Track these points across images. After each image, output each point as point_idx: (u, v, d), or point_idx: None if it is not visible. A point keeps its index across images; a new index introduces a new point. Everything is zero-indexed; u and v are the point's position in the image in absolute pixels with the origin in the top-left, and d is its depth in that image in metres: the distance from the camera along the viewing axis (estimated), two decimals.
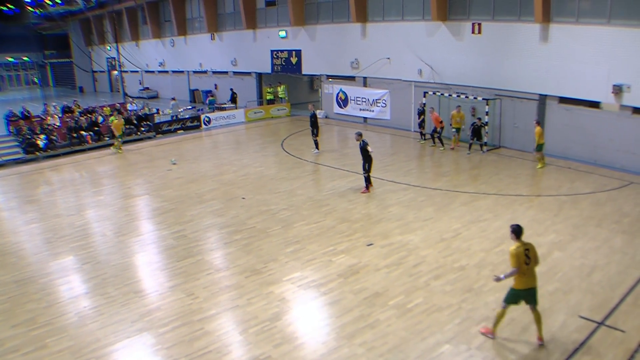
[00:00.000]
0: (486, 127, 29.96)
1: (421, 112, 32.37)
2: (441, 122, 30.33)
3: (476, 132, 29.58)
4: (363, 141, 22.46)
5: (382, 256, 16.64)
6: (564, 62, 27.13)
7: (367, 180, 22.80)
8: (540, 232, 18.05)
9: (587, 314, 12.86)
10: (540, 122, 26.96)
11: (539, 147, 26.15)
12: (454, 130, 30.34)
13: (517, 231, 11.92)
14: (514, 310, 12.54)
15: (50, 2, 64.14)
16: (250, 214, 21.18)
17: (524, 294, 11.90)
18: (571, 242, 17.28)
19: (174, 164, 22.71)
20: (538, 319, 12.02)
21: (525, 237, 12.23)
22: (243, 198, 23.13)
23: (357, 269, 15.76)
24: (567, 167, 26.27)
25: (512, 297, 12.00)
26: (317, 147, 31.20)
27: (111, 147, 34.93)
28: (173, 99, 46.13)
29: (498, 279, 11.98)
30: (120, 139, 34.64)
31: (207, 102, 51.69)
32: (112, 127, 34.72)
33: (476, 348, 11.67)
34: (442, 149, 30.48)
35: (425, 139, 32.51)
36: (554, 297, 13.74)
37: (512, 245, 11.86)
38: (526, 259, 11.70)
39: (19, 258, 17.92)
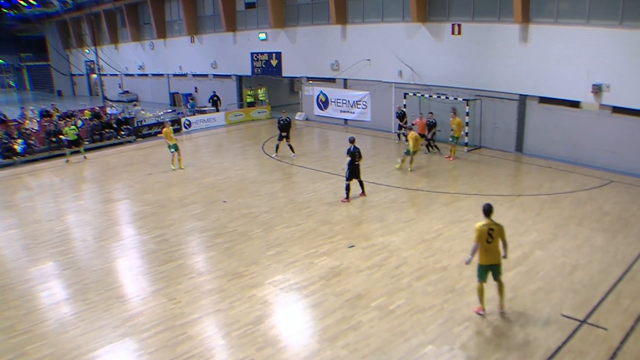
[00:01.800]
0: (435, 127, 30.14)
1: (401, 116, 32.01)
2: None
3: (429, 129, 29.77)
4: (354, 147, 22.05)
5: (363, 258, 16.64)
6: (544, 62, 27.32)
7: (348, 189, 22.50)
8: (521, 232, 18.16)
9: (569, 312, 12.93)
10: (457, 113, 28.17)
11: (455, 139, 27.02)
12: (450, 139, 28.83)
13: (486, 210, 12.81)
14: (495, 310, 12.61)
15: (25, 4, 63.44)
16: (231, 217, 21.11)
17: (488, 269, 12.80)
18: (552, 241, 17.38)
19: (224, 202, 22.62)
20: (501, 290, 13.04)
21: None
22: (224, 201, 23.05)
23: (339, 271, 15.75)
24: (548, 167, 26.44)
25: (480, 272, 12.92)
26: (292, 150, 30.97)
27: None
28: (135, 104, 45.92)
29: (468, 261, 12.97)
30: (69, 149, 33.31)
31: (188, 105, 51.50)
32: (66, 137, 33.51)
33: (459, 348, 11.69)
34: (434, 152, 30.30)
35: (401, 140, 32.03)
36: (536, 296, 13.81)
37: (479, 222, 12.72)
38: (489, 237, 12.54)
39: None
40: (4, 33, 79.21)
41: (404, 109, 32.58)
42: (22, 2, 63.21)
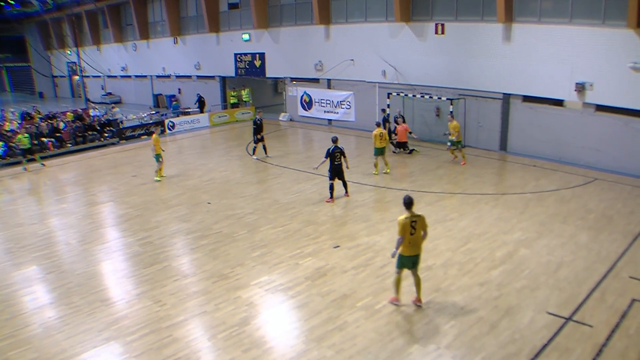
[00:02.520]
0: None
1: (385, 121, 30.97)
2: (411, 132, 30.02)
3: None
4: (335, 147, 21.95)
5: (349, 258, 16.64)
6: (527, 61, 27.46)
7: (332, 189, 22.46)
8: (506, 230, 18.22)
9: (554, 310, 12.98)
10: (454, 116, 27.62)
11: (456, 144, 26.61)
12: (449, 144, 27.57)
13: (407, 202, 13.22)
14: (480, 309, 12.66)
15: (3, 3, 62.77)
16: (216, 218, 21.05)
17: (409, 259, 13.27)
18: (537, 240, 17.45)
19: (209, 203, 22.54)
20: (418, 283, 13.55)
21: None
22: (209, 203, 22.99)
23: (324, 272, 15.74)
24: (532, 165, 26.58)
25: (400, 262, 13.38)
26: (265, 151, 31.03)
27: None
28: (113, 107, 45.80)
29: (393, 255, 13.46)
30: (24, 158, 32.04)
31: (172, 107, 51.35)
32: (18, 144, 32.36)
33: (445, 347, 11.69)
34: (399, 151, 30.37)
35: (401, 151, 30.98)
36: (522, 294, 13.85)
37: (402, 215, 13.09)
38: (412, 229, 12.99)
39: None
40: None
41: (388, 113, 31.81)
42: (0, 2, 62.48)
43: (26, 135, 31.86)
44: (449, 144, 27.64)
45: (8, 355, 12.33)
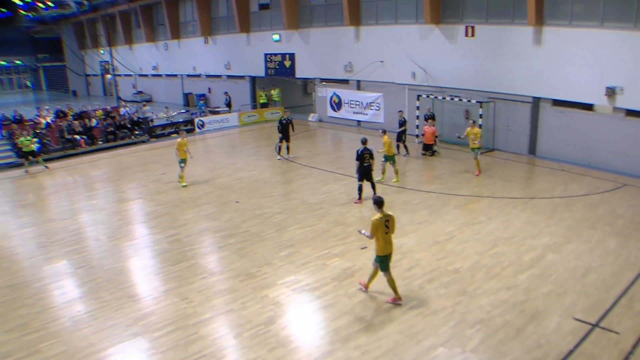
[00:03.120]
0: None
1: (402, 124, 30.38)
2: (437, 136, 29.80)
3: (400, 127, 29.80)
4: (364, 148, 21.79)
5: None
6: (557, 65, 27.21)
7: (360, 190, 22.41)
8: (534, 235, 18.09)
9: (581, 315, 12.87)
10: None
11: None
12: (474, 153, 26.20)
13: (379, 202, 13.71)
14: (507, 313, 12.63)
15: (43, 6, 63.93)
16: (244, 217, 21.16)
17: (388, 257, 13.85)
18: (565, 244, 17.30)
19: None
20: (374, 275, 14.29)
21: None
22: (237, 202, 23.09)
23: (351, 272, 15.75)
24: (561, 170, 26.33)
25: (383, 264, 13.87)
26: (288, 152, 31.14)
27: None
28: (144, 105, 46.17)
29: (359, 232, 14.31)
30: (27, 160, 31.58)
31: (199, 105, 51.65)
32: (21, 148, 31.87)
33: (470, 351, 11.66)
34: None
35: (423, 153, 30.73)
36: (548, 299, 13.75)
37: (375, 216, 13.56)
38: (385, 228, 13.55)
39: (12, 263, 17.87)
40: (21, 35, 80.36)
41: (404, 118, 30.65)
42: (39, 4, 63.62)
43: (28, 138, 31.80)
44: (474, 153, 26.20)
45: (39, 347, 12.55)
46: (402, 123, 29.72)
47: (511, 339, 12.04)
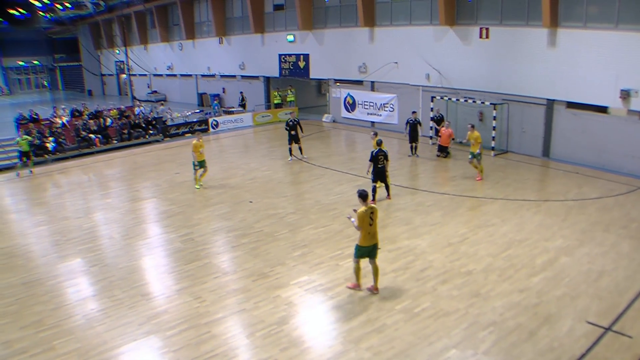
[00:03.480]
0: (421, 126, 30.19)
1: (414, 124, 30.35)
2: (454, 138, 29.75)
3: (413, 128, 29.83)
4: (379, 149, 21.97)
5: (389, 260, 16.62)
6: (572, 67, 27.11)
7: (374, 191, 22.34)
8: (547, 237, 18.03)
9: (594, 319, 12.82)
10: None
11: (476, 156, 25.08)
12: (470, 156, 25.68)
13: (363, 196, 14.29)
14: (519, 316, 12.61)
15: (60, 7, 64.47)
16: (257, 217, 21.22)
17: (368, 249, 14.42)
18: (578, 248, 17.23)
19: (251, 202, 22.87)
20: (376, 272, 14.68)
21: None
22: (250, 202, 23.16)
23: (364, 273, 15.67)
24: (575, 172, 26.22)
25: (359, 252, 14.50)
26: (301, 152, 30.98)
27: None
28: (162, 104, 46.37)
29: (349, 218, 14.82)
30: (20, 162, 31.03)
31: (213, 105, 51.82)
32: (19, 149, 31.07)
33: (483, 353, 11.65)
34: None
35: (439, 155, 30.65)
36: (561, 302, 13.71)
37: (361, 208, 14.07)
38: (370, 220, 14.08)
39: (27, 260, 18.01)
40: (39, 35, 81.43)
41: (415, 119, 30.55)
42: (57, 5, 64.16)
43: (25, 137, 31.44)
44: (470, 157, 25.66)
45: (53, 344, 12.65)
46: (416, 124, 29.69)
47: (524, 341, 12.02)
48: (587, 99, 26.93)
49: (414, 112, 30.46)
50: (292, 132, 30.07)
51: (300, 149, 30.75)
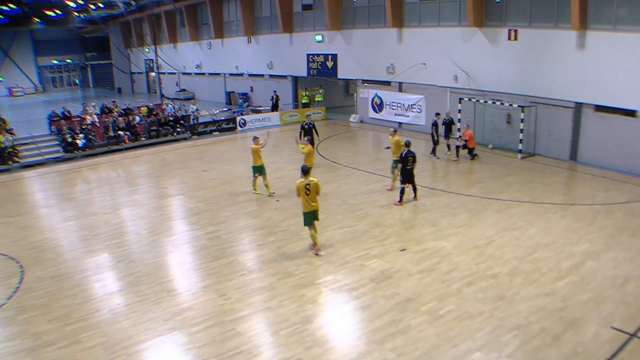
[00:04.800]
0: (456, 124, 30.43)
1: (434, 125, 30.16)
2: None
3: (447, 128, 29.83)
4: (408, 151, 21.97)
5: (415, 262, 16.63)
6: (601, 70, 26.82)
7: (402, 193, 22.40)
8: (574, 242, 17.90)
9: (619, 325, 12.72)
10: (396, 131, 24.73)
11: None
12: (392, 164, 24.26)
13: (304, 170, 17.28)
14: (544, 320, 12.58)
15: (93, 6, 65.32)
16: (284, 216, 21.31)
17: (310, 214, 17.23)
18: (605, 252, 17.08)
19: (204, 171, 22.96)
20: (313, 236, 17.48)
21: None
22: (277, 200, 23.23)
23: (389, 274, 15.77)
24: (602, 176, 25.96)
25: (305, 219, 17.34)
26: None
27: None
28: (193, 102, 46.69)
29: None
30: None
31: (243, 104, 52.05)
32: None
33: (507, 356, 11.61)
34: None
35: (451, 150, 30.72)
36: (587, 307, 13.62)
37: (299, 180, 17.11)
38: (306, 190, 16.97)
39: (56, 254, 18.29)
40: (72, 35, 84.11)
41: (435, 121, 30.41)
42: (90, 6, 65.03)
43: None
44: (392, 164, 24.19)
45: (79, 338, 12.86)
46: (449, 122, 30.00)
47: (548, 345, 11.97)
48: (615, 102, 26.63)
49: (437, 114, 30.27)
50: (307, 137, 28.29)
51: None
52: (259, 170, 24.01)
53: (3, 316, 14.24)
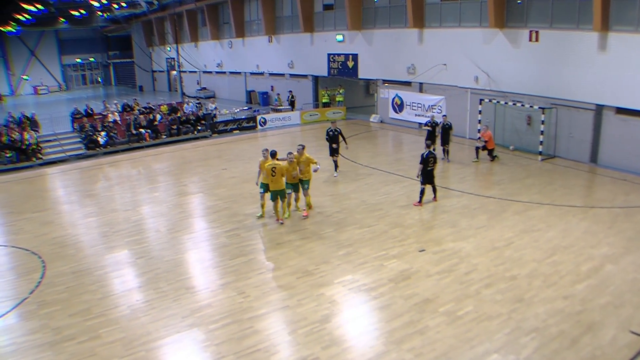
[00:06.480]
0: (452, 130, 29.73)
1: (435, 126, 29.83)
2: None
3: (445, 133, 29.41)
4: (429, 152, 21.92)
5: (433, 262, 16.63)
6: (622, 72, 26.59)
7: (422, 193, 22.34)
8: (593, 245, 17.80)
9: (638, 329, 12.64)
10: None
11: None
12: (305, 186, 21.51)
13: (272, 153, 20.04)
14: (562, 323, 12.57)
15: (116, 6, 65.86)
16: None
17: (275, 193, 19.96)
18: (624, 256, 16.97)
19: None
20: (277, 207, 20.36)
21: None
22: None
23: (408, 275, 15.78)
24: (622, 179, 25.76)
25: (272, 195, 20.07)
26: (335, 168, 27.66)
27: None
28: (213, 100, 46.91)
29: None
30: None
31: (278, 100, 52.24)
32: None
33: (524, 359, 11.59)
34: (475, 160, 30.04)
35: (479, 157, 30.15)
36: (605, 310, 13.56)
37: (267, 162, 19.63)
38: (272, 172, 19.38)
39: (77, 250, 18.51)
40: (95, 33, 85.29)
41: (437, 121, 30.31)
42: (113, 5, 65.60)
43: None
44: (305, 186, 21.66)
45: (99, 333, 13.03)
46: (448, 127, 29.51)
47: (566, 349, 11.93)
48: (637, 104, 26.38)
49: (444, 116, 30.19)
50: (334, 145, 27.15)
51: (335, 163, 27.58)
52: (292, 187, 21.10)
53: (25, 310, 14.46)
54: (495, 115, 32.67)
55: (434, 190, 22.56)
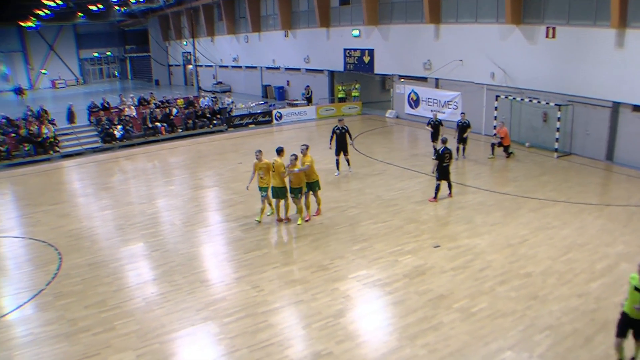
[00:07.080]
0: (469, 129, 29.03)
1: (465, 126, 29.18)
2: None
3: (462, 131, 28.79)
4: (445, 148, 21.90)
5: (448, 259, 16.63)
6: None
7: (438, 189, 22.32)
8: (608, 243, 17.71)
9: None
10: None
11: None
12: (263, 194, 19.99)
13: (278, 151, 19.46)
14: (577, 321, 12.51)
15: (133, 0, 66.10)
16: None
17: (273, 190, 19.40)
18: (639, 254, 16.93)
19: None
20: (267, 205, 20.15)
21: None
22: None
23: (423, 270, 15.79)
24: (639, 177, 25.54)
25: (263, 191, 19.53)
26: (348, 164, 27.17)
27: None
28: (228, 95, 46.98)
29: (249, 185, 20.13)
30: None
31: (305, 93, 52.23)
32: None
33: (538, 356, 11.58)
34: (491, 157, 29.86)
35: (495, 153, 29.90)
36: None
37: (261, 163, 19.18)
38: (272, 167, 18.93)
39: (92, 242, 18.68)
40: (112, 28, 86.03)
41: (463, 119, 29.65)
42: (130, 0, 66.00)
43: None
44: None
45: (114, 325, 13.16)
46: (466, 125, 29.04)
47: (579, 347, 11.90)
48: None
49: (462, 114, 30.07)
50: (341, 144, 26.51)
51: (347, 161, 27.03)
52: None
53: (42, 301, 14.63)
54: (511, 111, 32.55)
55: (450, 187, 22.53)
